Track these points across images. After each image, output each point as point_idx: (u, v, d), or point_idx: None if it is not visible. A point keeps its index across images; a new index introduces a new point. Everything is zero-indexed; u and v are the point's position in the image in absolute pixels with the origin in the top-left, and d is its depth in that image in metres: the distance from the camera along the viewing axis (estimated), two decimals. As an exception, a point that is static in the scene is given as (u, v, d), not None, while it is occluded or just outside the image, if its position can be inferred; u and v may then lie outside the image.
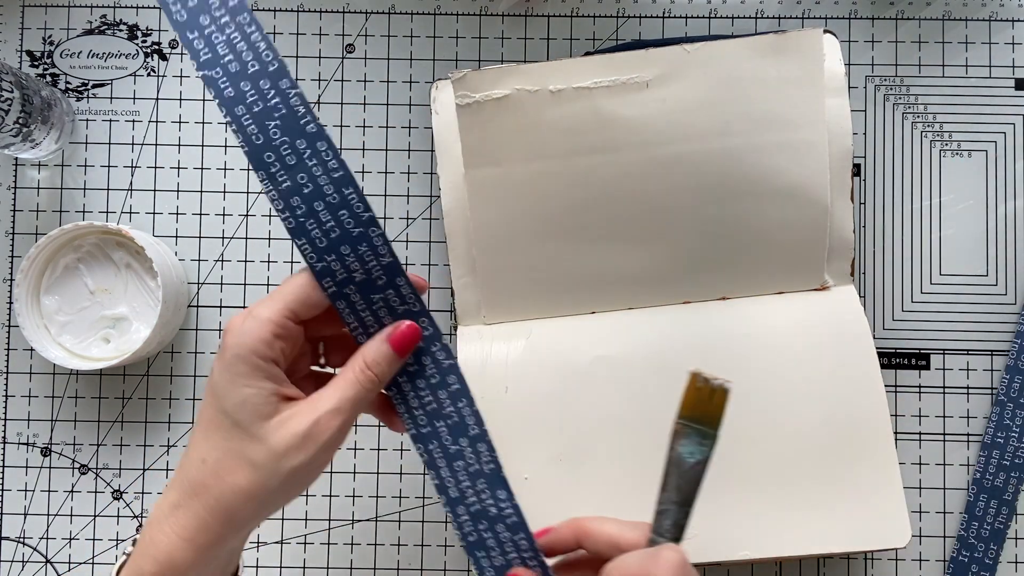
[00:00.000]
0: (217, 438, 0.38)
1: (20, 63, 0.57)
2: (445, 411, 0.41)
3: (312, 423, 0.38)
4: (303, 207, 0.38)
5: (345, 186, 0.38)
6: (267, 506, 0.39)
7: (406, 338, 0.40)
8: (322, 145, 0.38)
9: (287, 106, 0.38)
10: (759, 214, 0.52)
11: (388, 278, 0.40)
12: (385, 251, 0.39)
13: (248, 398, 0.37)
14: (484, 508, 0.42)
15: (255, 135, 0.38)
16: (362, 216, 0.39)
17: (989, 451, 0.55)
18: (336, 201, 0.38)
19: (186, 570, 0.38)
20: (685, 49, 0.50)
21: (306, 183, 0.38)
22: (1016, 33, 0.57)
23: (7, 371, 0.56)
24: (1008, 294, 0.56)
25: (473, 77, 0.50)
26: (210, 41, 0.38)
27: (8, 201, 0.56)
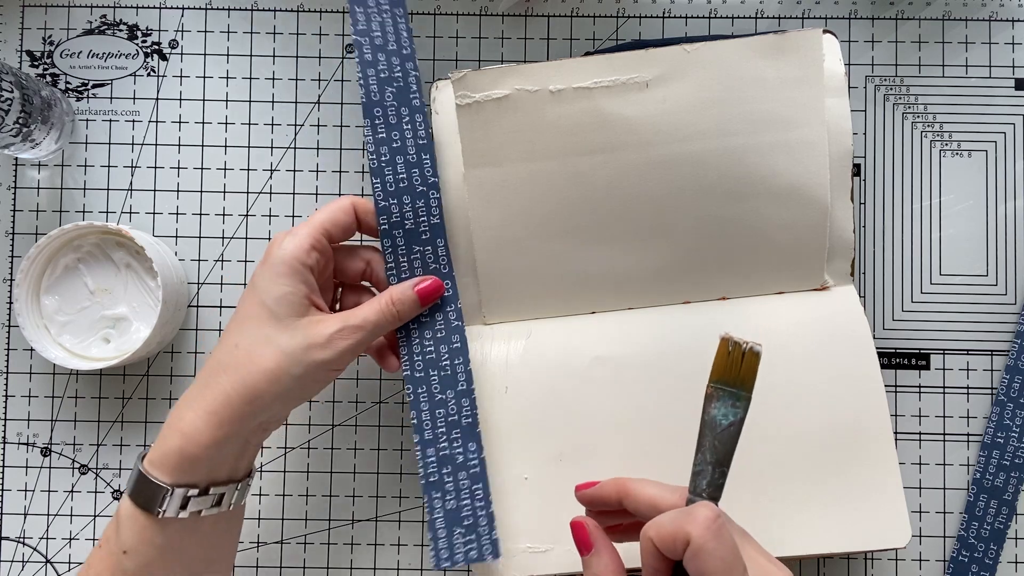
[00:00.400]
0: (252, 327, 0.44)
1: (20, 63, 0.57)
2: (441, 363, 0.48)
3: (337, 330, 0.45)
4: (387, 156, 0.48)
5: (425, 152, 0.48)
6: (287, 393, 0.44)
7: (431, 292, 0.48)
8: (419, 117, 0.49)
9: (405, 82, 0.49)
10: (759, 214, 0.52)
11: (431, 236, 0.49)
12: (437, 213, 0.48)
13: (286, 295, 0.44)
14: (452, 454, 0.48)
15: (374, 92, 0.48)
16: (429, 179, 0.48)
17: (989, 451, 0.55)
18: (414, 160, 0.48)
19: (208, 443, 0.43)
20: (685, 49, 0.50)
21: (397, 140, 0.48)
22: (1016, 33, 0.57)
23: (7, 371, 0.56)
24: (1008, 294, 0.56)
25: (473, 77, 0.50)
26: (368, 17, 0.49)
27: (8, 201, 0.57)
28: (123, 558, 0.43)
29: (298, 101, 0.57)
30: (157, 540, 0.43)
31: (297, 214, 0.56)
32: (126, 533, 0.43)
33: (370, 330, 0.46)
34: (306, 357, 0.44)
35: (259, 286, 0.45)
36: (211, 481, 0.44)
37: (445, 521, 0.47)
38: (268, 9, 0.57)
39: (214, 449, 0.43)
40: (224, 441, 0.44)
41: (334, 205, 0.47)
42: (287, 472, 0.56)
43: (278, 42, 0.57)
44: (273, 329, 0.44)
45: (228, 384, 0.43)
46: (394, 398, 0.56)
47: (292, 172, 0.57)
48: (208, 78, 0.57)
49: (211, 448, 0.43)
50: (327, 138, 0.57)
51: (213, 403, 0.43)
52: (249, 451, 0.47)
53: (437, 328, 0.49)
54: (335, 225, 0.47)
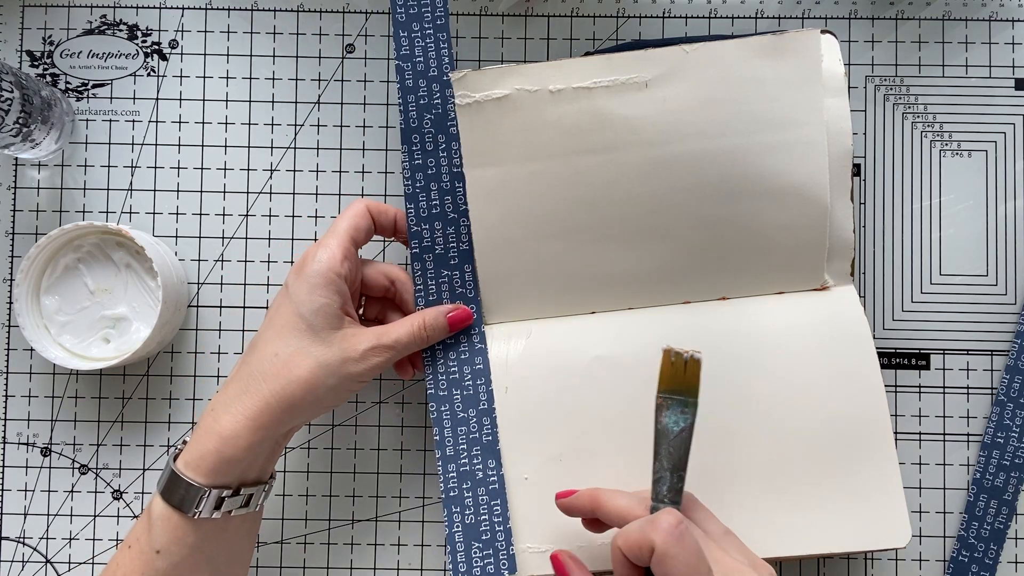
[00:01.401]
0: (291, 338, 0.46)
1: (20, 63, 0.57)
2: (464, 383, 0.50)
3: (371, 346, 0.47)
4: (422, 182, 0.50)
5: (459, 180, 0.50)
6: (320, 401, 0.46)
7: (460, 320, 0.51)
8: (455, 145, 0.50)
9: (443, 108, 0.50)
10: (759, 214, 0.52)
11: (459, 261, 0.51)
12: (467, 240, 0.50)
13: (323, 307, 0.46)
14: (472, 471, 0.49)
15: (413, 119, 0.50)
16: (461, 207, 0.50)
17: (989, 451, 0.55)
18: (447, 188, 0.50)
19: (245, 446, 0.45)
20: (684, 49, 0.50)
21: (432, 166, 0.50)
22: (1016, 33, 0.57)
23: (7, 371, 0.56)
24: (1008, 294, 0.56)
25: (473, 77, 0.50)
26: (412, 42, 0.49)
27: (8, 201, 0.57)
28: (156, 557, 0.45)
29: (298, 101, 0.57)
30: (189, 539, 0.45)
31: (297, 214, 0.56)
32: (159, 532, 0.45)
33: (400, 350, 0.48)
34: (341, 370, 0.46)
35: (297, 297, 0.47)
36: (242, 482, 0.47)
37: (464, 536, 0.48)
38: (268, 9, 0.57)
39: (249, 452, 0.45)
40: (259, 444, 0.46)
41: (351, 211, 0.49)
42: (287, 472, 0.56)
43: (278, 42, 0.57)
44: (310, 341, 0.46)
45: (268, 391, 0.45)
46: (394, 398, 0.56)
47: (292, 172, 0.57)
48: (208, 78, 0.57)
49: (247, 451, 0.45)
50: (327, 138, 0.57)
51: (253, 409, 0.45)
52: (276, 453, 0.49)
53: (462, 350, 0.51)
54: (358, 231, 0.49)
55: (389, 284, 0.51)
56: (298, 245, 0.56)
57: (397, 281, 0.51)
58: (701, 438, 0.51)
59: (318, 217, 0.56)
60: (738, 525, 0.50)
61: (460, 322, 0.51)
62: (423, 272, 0.50)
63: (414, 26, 0.49)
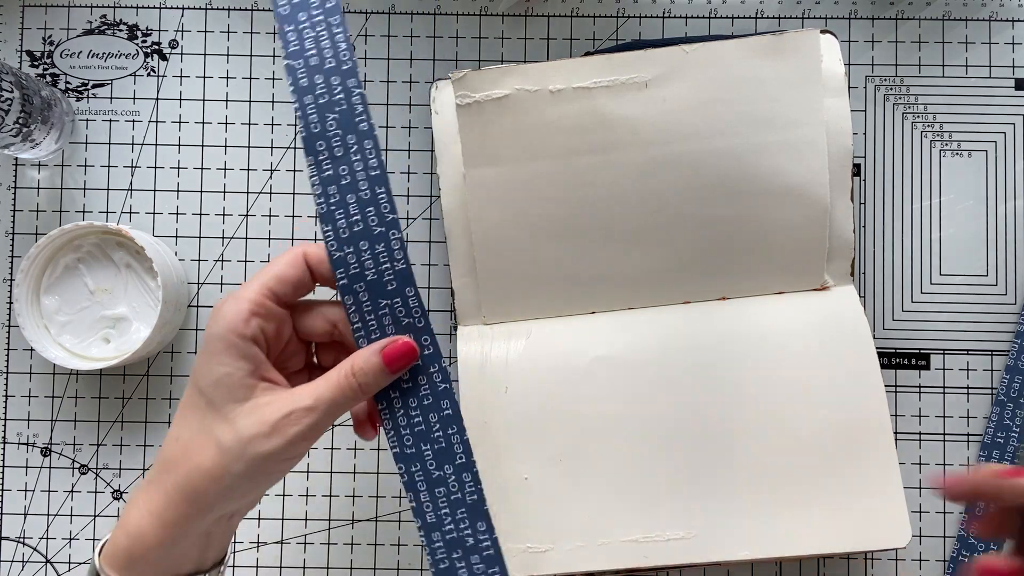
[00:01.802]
0: (192, 417, 0.38)
1: (20, 63, 0.57)
2: (434, 435, 0.41)
3: (283, 415, 0.38)
4: (337, 196, 0.40)
5: (379, 184, 0.40)
6: (233, 491, 0.38)
7: (399, 354, 0.39)
8: (368, 143, 0.40)
9: (348, 103, 0.41)
10: (759, 214, 0.52)
11: (398, 285, 0.40)
12: (401, 257, 0.40)
13: (222, 378, 0.38)
14: (461, 537, 0.41)
15: (314, 123, 0.41)
16: (387, 216, 0.40)
17: (989, 451, 0.55)
18: (367, 197, 0.40)
19: (154, 545, 0.38)
20: (684, 49, 0.50)
21: (346, 175, 0.40)
22: (1016, 33, 0.57)
23: (7, 371, 0.56)
24: (1008, 294, 0.56)
25: (473, 77, 0.50)
26: (301, 35, 0.41)
27: (8, 201, 0.57)
28: None
29: (298, 101, 0.57)
30: None
31: (297, 214, 0.56)
32: None
33: (325, 410, 0.38)
34: (248, 451, 0.37)
35: (196, 368, 0.39)
36: (174, 575, 0.40)
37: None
38: (268, 9, 0.57)
39: (162, 550, 0.39)
40: (172, 542, 0.39)
41: (283, 258, 0.41)
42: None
43: (277, 42, 0.57)
44: (211, 422, 0.38)
45: (169, 483, 0.38)
46: (394, 398, 0.56)
47: (292, 172, 0.57)
48: (208, 78, 0.57)
49: (159, 549, 0.39)
50: (327, 138, 0.57)
51: (155, 503, 0.39)
52: (215, 542, 0.41)
53: (422, 395, 0.41)
54: (283, 283, 0.40)
55: (330, 327, 0.42)
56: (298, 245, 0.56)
57: (339, 321, 0.42)
58: (701, 438, 0.51)
59: (318, 217, 0.56)
60: (738, 525, 0.50)
61: (400, 358, 0.39)
62: (357, 306, 0.40)
63: (300, 16, 0.41)
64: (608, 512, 0.50)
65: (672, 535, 0.50)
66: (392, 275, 0.40)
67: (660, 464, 0.51)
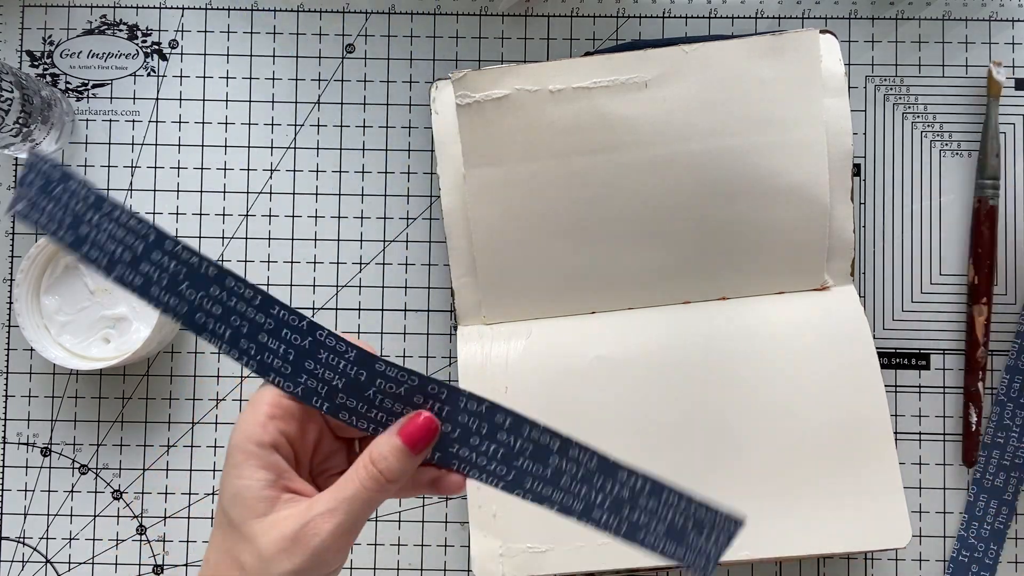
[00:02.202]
0: (218, 537, 0.36)
1: (20, 63, 0.57)
2: (515, 448, 0.38)
3: (301, 525, 0.34)
4: (253, 345, 0.37)
5: (271, 307, 0.37)
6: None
7: (419, 431, 0.36)
8: (230, 282, 0.37)
9: (184, 263, 0.36)
10: (759, 214, 0.52)
11: (367, 372, 0.37)
12: (344, 347, 0.37)
13: (240, 491, 0.34)
14: (615, 496, 0.38)
15: (177, 305, 0.37)
16: (302, 327, 0.37)
17: (989, 451, 0.54)
18: (273, 326, 0.37)
19: None
20: (683, 50, 0.50)
21: (240, 324, 0.37)
22: (1016, 33, 0.57)
23: (7, 371, 0.56)
24: (1008, 294, 0.56)
25: (473, 77, 0.50)
26: (99, 246, 0.37)
27: (8, 201, 0.56)
28: None
29: (298, 101, 0.57)
30: None
31: (297, 214, 0.56)
32: None
33: (348, 511, 0.34)
34: (272, 572, 0.34)
35: (220, 483, 0.36)
36: None
37: (671, 541, 0.38)
38: (268, 9, 0.57)
39: None
40: None
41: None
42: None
43: (278, 42, 0.57)
44: (233, 539, 0.35)
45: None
46: (394, 398, 0.56)
47: (292, 172, 0.57)
48: (208, 78, 0.57)
49: None
50: (327, 138, 0.57)
51: None
52: None
53: (475, 428, 0.38)
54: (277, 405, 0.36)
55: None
56: (298, 245, 0.56)
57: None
58: (700, 438, 0.51)
59: (318, 217, 0.56)
60: (738, 525, 0.50)
61: (422, 434, 0.35)
62: (356, 415, 0.37)
63: (83, 230, 0.36)
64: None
65: (672, 535, 0.50)
66: (354, 367, 0.37)
67: (660, 464, 0.50)
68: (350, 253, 0.56)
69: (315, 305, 0.56)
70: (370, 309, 0.56)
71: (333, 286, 0.56)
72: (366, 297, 0.56)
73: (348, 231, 0.56)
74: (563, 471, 0.38)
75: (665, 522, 0.38)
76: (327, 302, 0.56)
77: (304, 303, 0.56)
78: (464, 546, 0.55)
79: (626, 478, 0.38)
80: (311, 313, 0.56)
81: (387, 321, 0.56)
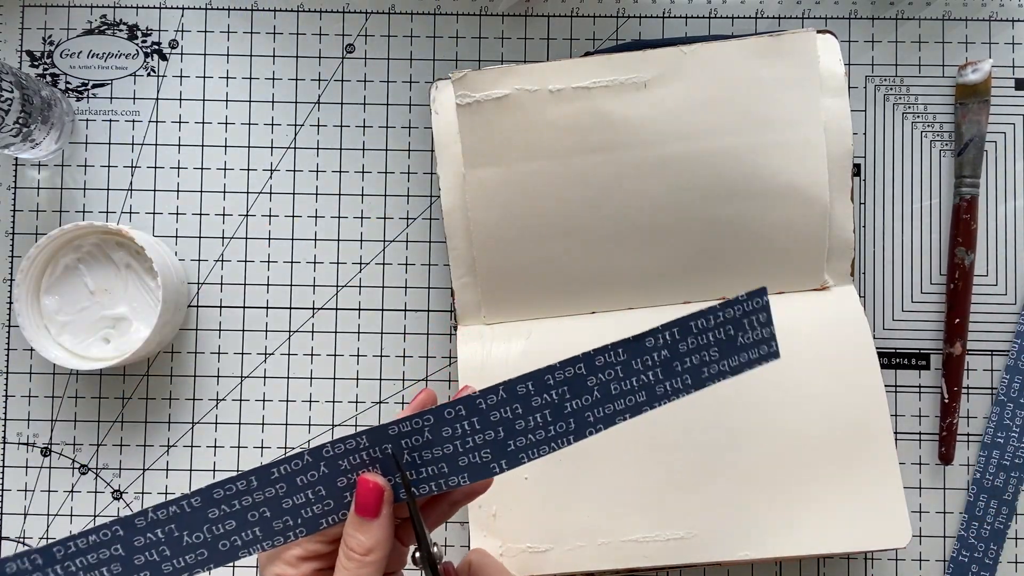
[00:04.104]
0: None
1: (20, 63, 0.57)
2: (548, 399, 0.37)
3: None
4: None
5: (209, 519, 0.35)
6: None
7: (364, 496, 0.35)
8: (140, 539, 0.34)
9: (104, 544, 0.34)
10: (758, 214, 0.52)
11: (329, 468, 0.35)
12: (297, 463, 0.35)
13: None
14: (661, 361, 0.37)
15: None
16: (260, 498, 0.35)
17: (989, 451, 0.55)
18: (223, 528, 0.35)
19: None
20: (682, 50, 0.50)
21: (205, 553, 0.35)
22: (1016, 33, 0.57)
23: (7, 371, 0.56)
24: (1008, 294, 0.56)
25: (473, 77, 0.50)
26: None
27: (8, 201, 0.57)
28: None
29: (298, 101, 0.57)
30: None
31: (297, 214, 0.56)
32: None
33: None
34: None
35: None
36: None
37: (733, 356, 0.37)
38: (268, 9, 0.57)
39: None
40: None
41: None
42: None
43: (278, 42, 0.57)
44: None
45: None
46: (394, 398, 0.56)
47: (292, 172, 0.57)
48: (208, 78, 0.57)
49: None
50: (327, 138, 0.57)
51: None
52: None
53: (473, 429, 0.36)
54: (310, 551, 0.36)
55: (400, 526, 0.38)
56: (298, 245, 0.56)
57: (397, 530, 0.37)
58: (700, 438, 0.51)
59: (318, 217, 0.56)
60: (737, 525, 0.50)
61: (367, 495, 0.35)
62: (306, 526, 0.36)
63: None
64: (608, 512, 0.50)
65: (672, 535, 0.50)
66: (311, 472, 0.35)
67: (660, 464, 0.51)
68: (350, 253, 0.56)
69: (315, 305, 0.56)
70: (370, 309, 0.56)
71: (333, 286, 0.56)
72: (366, 297, 0.56)
73: (348, 231, 0.56)
74: (599, 381, 0.37)
75: (713, 347, 0.37)
76: (327, 302, 0.56)
77: (304, 303, 0.56)
78: (464, 546, 0.55)
79: (654, 343, 0.36)
80: (311, 313, 0.56)
81: (387, 321, 0.56)
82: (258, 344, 0.56)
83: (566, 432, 0.36)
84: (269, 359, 0.56)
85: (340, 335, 0.56)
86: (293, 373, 0.56)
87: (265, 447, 0.56)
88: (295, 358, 0.56)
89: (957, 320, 0.55)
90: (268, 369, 0.56)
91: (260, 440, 0.56)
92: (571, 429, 0.37)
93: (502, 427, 0.36)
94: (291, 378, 0.56)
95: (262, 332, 0.56)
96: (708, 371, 0.37)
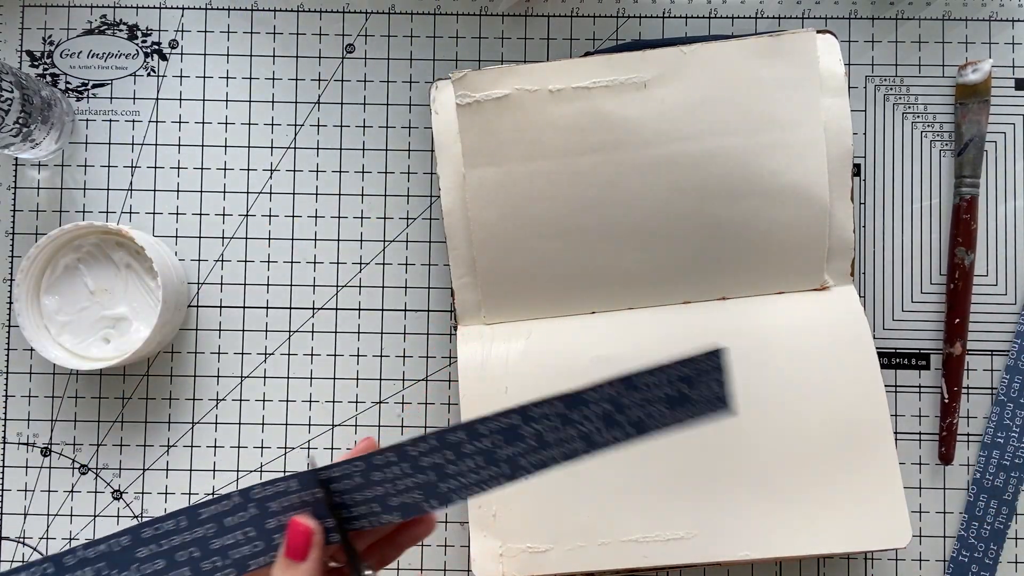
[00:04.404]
0: None
1: (20, 63, 0.57)
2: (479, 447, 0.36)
3: None
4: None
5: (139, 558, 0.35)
6: None
7: (293, 538, 0.35)
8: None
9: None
10: (758, 214, 0.52)
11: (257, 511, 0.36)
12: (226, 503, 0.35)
13: None
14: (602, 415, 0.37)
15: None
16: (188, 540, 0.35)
17: (989, 451, 0.55)
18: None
19: None
20: (682, 50, 0.50)
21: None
22: (1016, 33, 0.57)
23: (7, 371, 0.56)
24: (1008, 294, 0.56)
25: (473, 77, 0.50)
26: None
27: (8, 201, 0.57)
28: None
29: (298, 101, 0.57)
30: None
31: (297, 214, 0.56)
32: None
33: None
34: None
35: None
36: None
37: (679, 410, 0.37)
38: (268, 9, 0.57)
39: None
40: None
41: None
42: (288, 472, 0.56)
43: (278, 42, 0.57)
44: None
45: None
46: (394, 398, 0.56)
47: (292, 172, 0.57)
48: (208, 78, 0.57)
49: None
50: (327, 138, 0.57)
51: None
52: None
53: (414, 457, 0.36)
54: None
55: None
56: (298, 245, 0.56)
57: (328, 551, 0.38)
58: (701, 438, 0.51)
59: (318, 217, 0.56)
60: (737, 525, 0.50)
61: (296, 538, 0.36)
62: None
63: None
64: (608, 512, 0.50)
65: (672, 535, 0.50)
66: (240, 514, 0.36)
67: (660, 464, 0.51)
68: (350, 253, 0.56)
69: (315, 305, 0.56)
70: (370, 309, 0.56)
71: (333, 286, 0.56)
72: (366, 297, 0.56)
73: (348, 231, 0.56)
74: (535, 431, 0.36)
75: (660, 401, 0.36)
76: (327, 302, 0.56)
77: (304, 303, 0.56)
78: (464, 546, 0.55)
79: (596, 397, 0.36)
80: (311, 313, 0.56)
81: (387, 321, 0.56)
82: (258, 344, 0.56)
83: (499, 475, 0.36)
84: (269, 359, 0.56)
85: (340, 335, 0.56)
86: (293, 373, 0.56)
87: (265, 447, 0.56)
88: (295, 358, 0.56)
89: (957, 320, 0.55)
90: (268, 369, 0.56)
91: (260, 440, 0.56)
92: (504, 472, 0.36)
93: (433, 472, 0.36)
94: (291, 378, 0.56)
95: (262, 332, 0.56)
96: (653, 425, 0.36)
